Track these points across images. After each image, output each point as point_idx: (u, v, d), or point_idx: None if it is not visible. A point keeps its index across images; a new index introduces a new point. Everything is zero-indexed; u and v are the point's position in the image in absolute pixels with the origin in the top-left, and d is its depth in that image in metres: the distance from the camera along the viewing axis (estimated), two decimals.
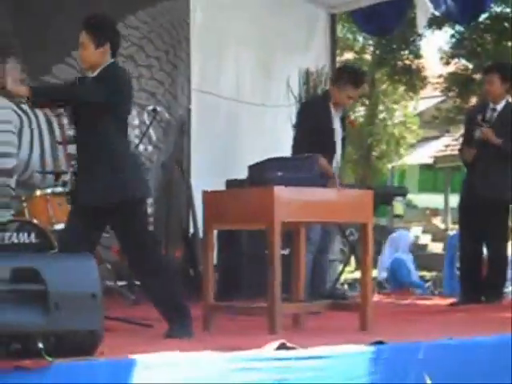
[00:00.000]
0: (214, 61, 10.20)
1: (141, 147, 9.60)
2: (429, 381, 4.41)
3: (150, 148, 10.10)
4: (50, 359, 4.45)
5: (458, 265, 11.91)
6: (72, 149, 6.56)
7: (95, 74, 6.28)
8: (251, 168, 6.77)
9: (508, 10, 15.77)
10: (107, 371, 4.65)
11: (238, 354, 5.08)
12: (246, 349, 5.19)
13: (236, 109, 10.07)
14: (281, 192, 6.26)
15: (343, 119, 8.76)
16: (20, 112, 8.93)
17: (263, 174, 6.61)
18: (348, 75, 8.51)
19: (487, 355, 5.87)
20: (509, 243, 9.63)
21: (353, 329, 6.49)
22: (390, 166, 27.66)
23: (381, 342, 5.56)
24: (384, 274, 12.31)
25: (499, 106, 9.14)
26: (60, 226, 7.76)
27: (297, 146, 8.37)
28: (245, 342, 5.40)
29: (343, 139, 8.67)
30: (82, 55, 6.38)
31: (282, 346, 5.28)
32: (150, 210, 9.94)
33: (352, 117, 23.56)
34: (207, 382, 4.85)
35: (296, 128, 8.64)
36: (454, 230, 14.79)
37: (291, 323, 6.81)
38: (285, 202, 6.29)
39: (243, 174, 6.77)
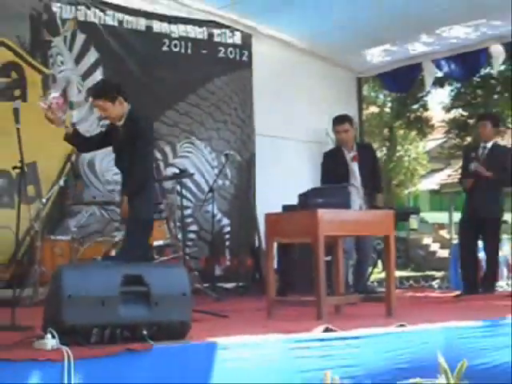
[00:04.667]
0: (271, 114, 10.20)
1: (219, 182, 9.62)
2: (441, 358, 4.34)
3: (227, 183, 10.11)
4: (152, 343, 4.47)
5: None
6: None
7: (122, 122, 6.31)
8: (300, 196, 6.77)
9: (493, 71, 15.68)
10: (195, 351, 4.67)
11: (293, 336, 5.08)
12: (299, 332, 5.19)
13: (283, 148, 10.06)
14: (322, 214, 6.27)
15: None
16: None
17: (309, 200, 6.62)
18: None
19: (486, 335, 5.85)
20: (499, 249, 9.56)
21: (380, 315, 6.44)
22: (406, 191, 27.58)
23: (403, 325, 5.55)
24: None
25: (489, 145, 9.08)
26: (157, 243, 7.85)
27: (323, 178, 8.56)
28: (299, 327, 5.38)
29: (362, 169, 8.56)
30: (107, 114, 6.39)
31: (326, 329, 5.27)
32: (227, 229, 10.01)
33: (378, 155, 23.67)
34: (271, 358, 4.85)
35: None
36: (456, 239, 14.65)
37: (334, 312, 6.79)
38: (326, 221, 6.28)
39: (295, 201, 6.77)
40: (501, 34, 9.95)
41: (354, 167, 8.54)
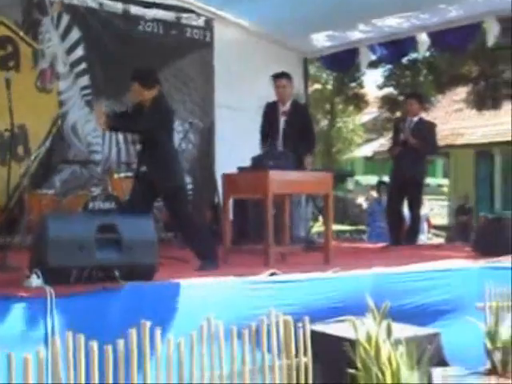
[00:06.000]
0: (229, 88, 10.15)
1: (183, 145, 9.58)
2: (369, 299, 4.37)
3: (190, 146, 10.07)
4: (123, 282, 4.47)
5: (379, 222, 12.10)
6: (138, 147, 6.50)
7: (148, 104, 6.17)
8: (253, 158, 6.78)
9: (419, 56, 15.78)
10: (161, 290, 4.69)
11: (245, 279, 5.11)
12: (250, 275, 5.22)
13: (239, 117, 10.01)
14: (272, 174, 6.29)
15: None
16: None
17: (261, 162, 6.63)
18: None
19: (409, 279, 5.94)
20: (421, 207, 9.66)
21: (319, 263, 6.49)
22: (344, 157, 27.73)
23: (336, 271, 5.61)
24: None
25: (415, 119, 9.13)
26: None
27: (261, 127, 8.25)
28: (250, 271, 5.42)
29: (292, 126, 8.10)
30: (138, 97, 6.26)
31: (272, 274, 5.31)
32: (190, 187, 10.00)
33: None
34: (226, 297, 4.88)
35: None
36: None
37: (280, 259, 6.82)
38: (274, 180, 6.31)
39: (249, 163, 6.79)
40: (426, 25, 9.99)
41: (282, 122, 8.19)
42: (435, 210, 24.38)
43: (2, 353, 3.06)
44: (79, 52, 9.09)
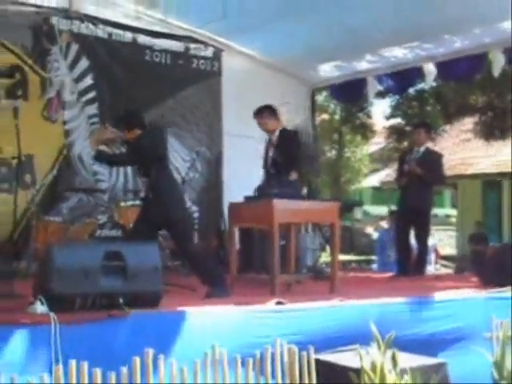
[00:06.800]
0: (237, 117, 10.16)
1: (190, 175, 9.61)
2: (374, 328, 4.37)
3: (197, 175, 10.08)
4: (128, 310, 4.47)
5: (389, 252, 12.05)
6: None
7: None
8: (258, 187, 6.81)
9: (426, 86, 15.84)
10: (166, 318, 4.69)
11: (251, 308, 5.11)
12: (256, 304, 5.22)
13: (248, 145, 10.03)
14: (277, 203, 6.30)
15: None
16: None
17: (266, 191, 6.65)
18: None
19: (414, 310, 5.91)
20: (428, 238, 9.64)
21: (325, 292, 6.48)
22: (352, 187, 27.78)
23: (342, 300, 5.60)
24: None
25: (422, 149, 9.14)
26: None
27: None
28: (255, 300, 5.41)
29: (281, 154, 7.94)
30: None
31: (278, 303, 5.30)
32: (196, 215, 10.00)
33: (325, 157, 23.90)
34: (231, 326, 4.88)
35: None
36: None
37: (286, 289, 6.81)
38: (279, 209, 6.31)
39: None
40: (432, 55, 10.04)
41: (270, 152, 8.13)
42: (444, 241, 24.33)
43: (6, 379, 3.06)
44: (88, 81, 9.15)
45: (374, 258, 16.38)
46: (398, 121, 18.60)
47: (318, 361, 4.39)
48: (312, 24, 9.22)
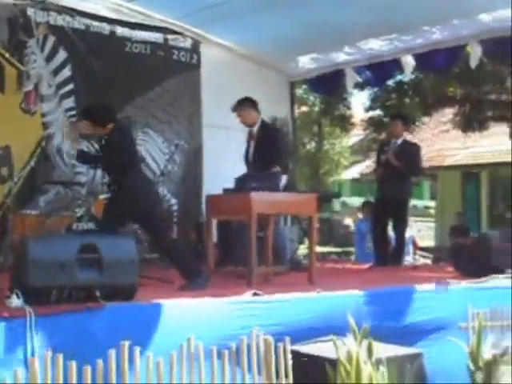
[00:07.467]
0: (215, 109, 10.12)
1: (169, 167, 9.59)
2: (351, 319, 4.38)
3: (175, 168, 10.05)
4: (104, 303, 4.46)
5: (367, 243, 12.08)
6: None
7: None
8: (237, 180, 6.80)
9: (406, 79, 15.90)
10: (141, 310, 4.68)
11: (227, 299, 5.11)
12: (232, 296, 5.22)
13: (227, 137, 10.00)
14: (255, 195, 6.30)
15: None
16: (91, 147, 8.81)
17: (244, 184, 6.64)
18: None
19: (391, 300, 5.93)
20: (406, 229, 9.69)
21: (303, 283, 6.50)
22: (331, 179, 27.83)
23: (319, 291, 5.61)
24: None
25: (399, 141, 9.18)
26: None
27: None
28: (232, 292, 5.41)
29: (261, 148, 7.98)
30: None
31: (255, 294, 5.31)
32: (175, 208, 9.98)
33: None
34: (208, 317, 4.88)
35: None
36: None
37: (263, 280, 6.81)
38: (257, 201, 6.32)
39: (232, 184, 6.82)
40: (410, 47, 10.07)
41: (251, 145, 8.16)
42: (422, 232, 24.46)
43: None
44: (66, 73, 9.07)
45: (352, 249, 16.45)
46: (377, 113, 18.64)
47: (294, 352, 4.39)
48: (289, 16, 9.21)
